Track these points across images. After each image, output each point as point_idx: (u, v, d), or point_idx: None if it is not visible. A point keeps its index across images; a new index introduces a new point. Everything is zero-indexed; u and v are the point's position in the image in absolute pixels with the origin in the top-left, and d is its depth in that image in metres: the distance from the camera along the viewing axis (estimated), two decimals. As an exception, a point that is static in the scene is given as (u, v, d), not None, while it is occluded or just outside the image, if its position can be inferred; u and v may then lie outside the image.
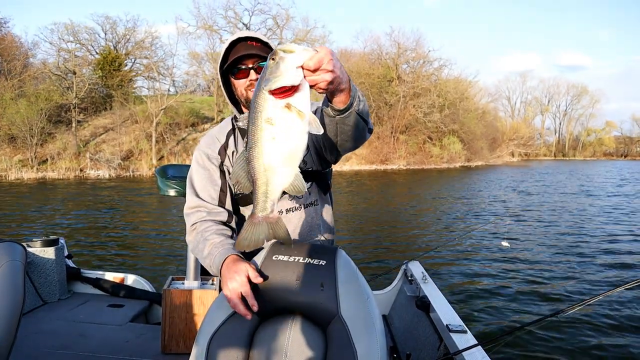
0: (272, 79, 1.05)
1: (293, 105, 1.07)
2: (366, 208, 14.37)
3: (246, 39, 1.60)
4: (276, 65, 1.05)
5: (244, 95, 1.63)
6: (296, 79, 1.06)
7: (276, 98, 1.06)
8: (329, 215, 1.79)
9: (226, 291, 1.31)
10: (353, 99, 1.27)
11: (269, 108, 1.07)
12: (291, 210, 1.67)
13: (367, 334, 1.28)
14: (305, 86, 1.09)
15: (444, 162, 41.59)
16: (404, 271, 3.45)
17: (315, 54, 1.07)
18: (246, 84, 1.61)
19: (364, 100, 1.35)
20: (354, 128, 1.36)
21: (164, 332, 2.65)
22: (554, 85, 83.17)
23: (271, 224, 1.19)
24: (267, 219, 1.19)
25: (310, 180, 1.69)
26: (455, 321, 2.40)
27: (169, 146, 32.54)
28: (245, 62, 1.59)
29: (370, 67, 42.30)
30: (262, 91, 1.07)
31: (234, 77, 1.63)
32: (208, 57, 39.26)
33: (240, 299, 1.29)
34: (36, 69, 32.60)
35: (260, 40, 1.61)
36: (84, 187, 22.09)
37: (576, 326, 4.89)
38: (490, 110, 58.58)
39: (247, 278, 1.31)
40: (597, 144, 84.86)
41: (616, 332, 4.82)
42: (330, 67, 1.10)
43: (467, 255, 8.16)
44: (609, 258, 8.07)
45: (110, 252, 8.42)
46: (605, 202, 16.91)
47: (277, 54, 1.06)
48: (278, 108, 1.07)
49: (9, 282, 1.81)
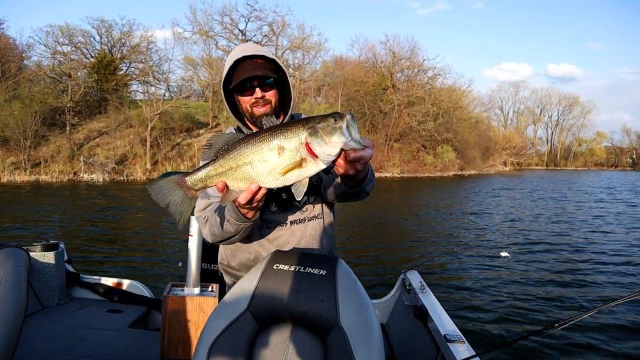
0: (319, 138, 1.07)
1: (306, 164, 1.10)
2: (363, 217, 14.37)
3: (252, 57, 1.61)
4: (332, 130, 1.07)
5: (249, 111, 1.65)
6: (330, 159, 1.10)
7: (305, 147, 1.09)
8: (332, 229, 1.82)
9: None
10: (364, 185, 1.38)
11: (292, 144, 1.10)
12: (295, 223, 1.69)
13: (366, 344, 1.29)
14: (326, 165, 1.12)
15: (437, 171, 41.78)
16: (402, 281, 3.46)
17: (360, 152, 1.11)
18: (251, 101, 1.63)
19: (373, 179, 1.49)
20: (354, 198, 1.51)
21: (163, 339, 2.65)
22: (546, 96, 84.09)
23: (187, 197, 1.22)
24: (189, 190, 1.22)
25: (315, 194, 1.72)
26: (453, 331, 2.41)
27: (164, 151, 32.40)
28: (251, 81, 1.60)
29: (365, 75, 42.53)
30: (303, 131, 1.09)
31: (239, 94, 1.65)
32: (203, 63, 39.28)
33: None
34: (31, 72, 32.39)
35: (265, 57, 1.63)
36: (78, 191, 21.91)
37: (574, 337, 4.90)
38: (484, 119, 59.07)
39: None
40: (588, 154, 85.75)
41: (614, 343, 4.84)
42: (360, 167, 1.17)
43: (465, 265, 8.18)
44: (608, 268, 8.12)
45: (109, 257, 8.36)
46: (603, 211, 17.06)
47: (343, 121, 1.07)
48: (296, 152, 1.10)
49: (13, 287, 1.82)
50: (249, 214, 1.38)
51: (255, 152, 1.13)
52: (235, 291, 1.47)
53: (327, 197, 1.68)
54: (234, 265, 1.77)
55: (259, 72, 1.58)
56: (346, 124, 1.07)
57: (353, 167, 1.16)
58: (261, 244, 1.69)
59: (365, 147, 1.11)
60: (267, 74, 1.60)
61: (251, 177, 1.16)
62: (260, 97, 1.61)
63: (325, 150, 1.08)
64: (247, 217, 1.40)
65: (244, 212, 1.37)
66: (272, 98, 1.64)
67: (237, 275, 1.77)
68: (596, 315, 5.20)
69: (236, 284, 1.51)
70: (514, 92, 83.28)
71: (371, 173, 1.45)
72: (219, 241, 1.59)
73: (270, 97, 1.63)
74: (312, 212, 1.73)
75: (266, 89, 1.62)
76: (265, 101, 1.62)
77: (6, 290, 1.79)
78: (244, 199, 1.22)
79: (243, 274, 1.62)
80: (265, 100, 1.62)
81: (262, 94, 1.61)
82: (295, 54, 44.02)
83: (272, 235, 1.68)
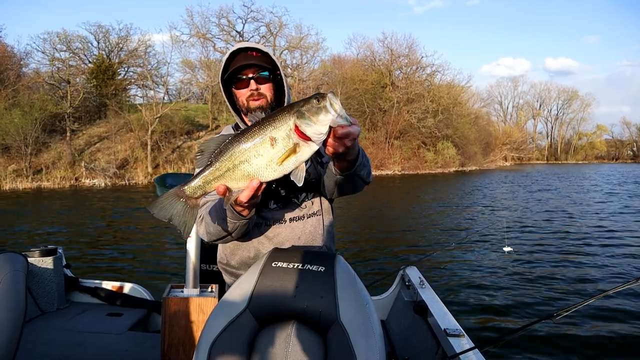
0: (305, 117, 1.08)
1: (299, 149, 1.11)
2: (363, 214, 14.39)
3: (246, 49, 1.64)
4: (317, 110, 1.08)
5: (245, 105, 1.66)
6: (321, 138, 1.10)
7: (294, 131, 1.10)
8: (331, 226, 1.81)
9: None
10: (357, 167, 1.36)
11: (282, 132, 1.10)
12: (294, 220, 1.69)
13: (366, 340, 1.30)
14: (319, 145, 1.13)
15: (438, 167, 41.77)
16: (402, 276, 3.47)
17: (347, 128, 1.12)
18: (247, 94, 1.64)
19: (367, 164, 1.47)
20: (351, 187, 1.50)
21: (164, 341, 2.65)
22: (545, 90, 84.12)
23: (189, 207, 1.22)
24: (190, 199, 1.21)
25: (313, 191, 1.72)
26: (453, 325, 2.42)
27: (165, 154, 32.44)
28: (245, 72, 1.62)
29: (363, 73, 42.53)
30: (290, 116, 1.09)
31: (235, 87, 1.66)
32: (201, 65, 39.32)
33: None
34: (30, 79, 32.47)
35: (260, 50, 1.65)
36: (80, 196, 21.95)
37: (573, 328, 4.92)
38: (483, 115, 59.06)
39: None
40: (589, 148, 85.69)
41: (614, 333, 4.86)
42: (349, 143, 1.17)
43: (463, 260, 8.19)
44: (607, 260, 8.13)
45: (108, 261, 8.38)
46: (602, 205, 17.03)
47: (325, 100, 1.08)
48: (287, 139, 1.10)
49: (11, 292, 1.83)
50: (244, 212, 1.38)
51: (249, 149, 1.13)
52: (235, 290, 1.47)
53: (326, 192, 1.67)
54: (233, 264, 1.77)
55: (252, 62, 1.60)
56: (329, 102, 1.08)
57: (342, 144, 1.16)
58: (260, 241, 1.69)
59: (352, 124, 1.12)
60: (262, 65, 1.61)
61: (250, 174, 1.16)
62: (255, 89, 1.62)
63: (315, 129, 1.08)
64: (243, 214, 1.40)
65: (239, 209, 1.37)
66: (267, 92, 1.65)
67: (236, 274, 1.77)
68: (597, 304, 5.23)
69: (235, 283, 1.51)
70: (513, 87, 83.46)
71: (365, 158, 1.44)
72: (214, 240, 1.59)
73: (265, 91, 1.64)
74: (311, 209, 1.72)
75: (261, 81, 1.63)
76: (260, 94, 1.63)
77: (5, 296, 1.80)
78: (246, 197, 1.21)
79: (243, 272, 1.63)
80: (260, 94, 1.63)
81: (257, 85, 1.62)
82: (293, 54, 44.09)
83: (271, 232, 1.68)
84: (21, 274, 1.91)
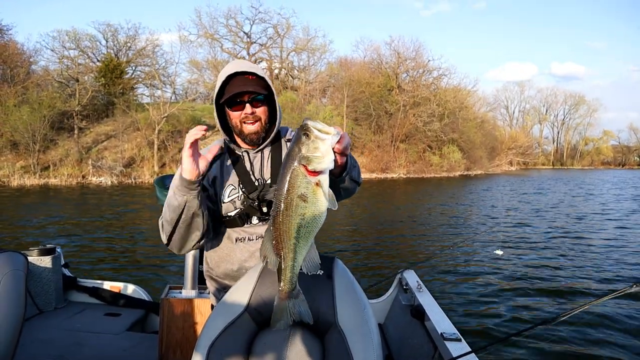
0: (312, 158, 1.09)
1: (321, 183, 1.12)
2: (363, 217, 14.37)
3: (243, 73, 1.66)
4: (314, 144, 1.08)
5: (238, 127, 1.70)
6: (332, 163, 1.12)
7: (309, 175, 1.10)
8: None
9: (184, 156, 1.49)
10: (348, 169, 1.40)
11: (302, 185, 1.11)
12: None
13: (363, 343, 1.31)
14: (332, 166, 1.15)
15: (443, 171, 41.58)
16: (399, 280, 3.47)
17: (343, 140, 1.15)
18: (241, 116, 1.68)
19: (356, 164, 1.52)
20: (344, 190, 1.53)
21: (162, 342, 2.66)
22: (551, 95, 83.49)
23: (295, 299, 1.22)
24: (290, 294, 1.21)
25: None
26: (450, 329, 2.42)
27: (171, 153, 32.59)
28: (241, 97, 1.65)
29: (370, 76, 42.46)
30: (299, 167, 1.10)
31: (230, 109, 1.70)
32: (209, 65, 39.50)
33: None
34: (39, 76, 32.76)
35: (256, 74, 1.67)
36: (86, 194, 22.11)
37: (569, 332, 4.91)
38: (489, 119, 58.70)
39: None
40: (595, 153, 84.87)
41: (611, 339, 4.84)
42: (347, 151, 1.22)
43: (461, 264, 8.17)
44: (603, 265, 8.10)
45: (107, 261, 8.41)
46: (601, 210, 16.89)
47: (312, 132, 1.08)
48: (311, 185, 1.11)
49: (11, 292, 1.85)
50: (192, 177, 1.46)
51: (295, 219, 1.12)
52: (233, 292, 1.49)
53: None
54: (218, 274, 1.83)
55: (250, 88, 1.63)
56: (316, 130, 1.08)
57: (344, 155, 1.24)
58: (244, 255, 1.75)
59: (339, 134, 1.14)
60: (258, 90, 1.64)
61: (313, 232, 1.15)
62: (250, 113, 1.66)
63: (326, 161, 1.10)
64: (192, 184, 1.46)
65: (189, 178, 1.45)
66: (262, 115, 1.69)
67: (221, 283, 1.83)
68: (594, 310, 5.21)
69: (234, 286, 1.53)
70: (520, 92, 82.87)
71: (352, 159, 1.48)
72: (170, 233, 1.59)
73: (260, 114, 1.68)
74: None
75: (256, 104, 1.67)
76: (255, 117, 1.67)
77: (5, 295, 1.81)
78: None
79: (227, 282, 1.65)
80: (255, 117, 1.67)
81: (252, 109, 1.66)
82: (300, 55, 44.21)
83: (255, 247, 1.74)
84: (21, 273, 1.93)
